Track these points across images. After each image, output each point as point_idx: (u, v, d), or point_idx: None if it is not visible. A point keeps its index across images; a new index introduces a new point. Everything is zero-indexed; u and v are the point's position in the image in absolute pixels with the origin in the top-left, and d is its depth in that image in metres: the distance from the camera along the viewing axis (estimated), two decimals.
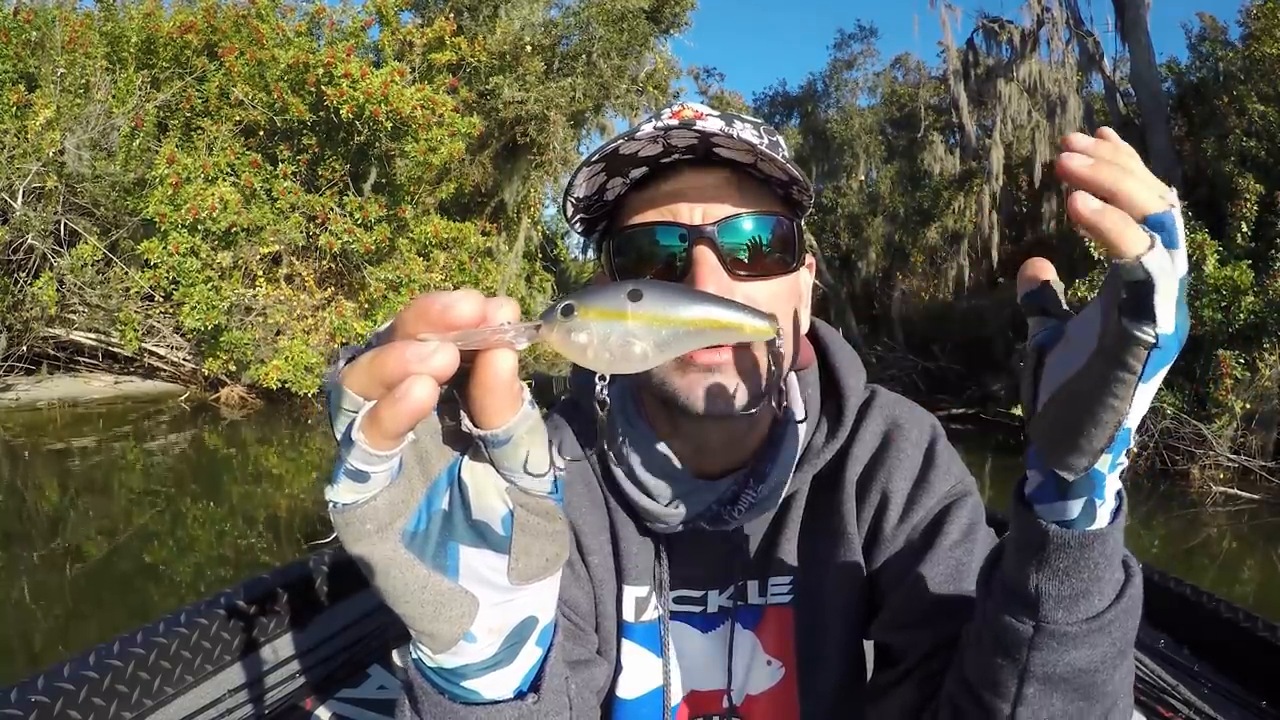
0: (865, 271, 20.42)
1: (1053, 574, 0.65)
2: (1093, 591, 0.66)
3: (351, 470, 0.44)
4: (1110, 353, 0.54)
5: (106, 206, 12.40)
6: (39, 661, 4.26)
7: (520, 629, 0.56)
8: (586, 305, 0.44)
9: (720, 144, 0.82)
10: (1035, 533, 0.65)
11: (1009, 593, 0.69)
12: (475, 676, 0.56)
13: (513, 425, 0.45)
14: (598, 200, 0.90)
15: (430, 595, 0.50)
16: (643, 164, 0.86)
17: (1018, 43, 16.94)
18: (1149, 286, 0.51)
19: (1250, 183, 10.06)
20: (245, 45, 13.00)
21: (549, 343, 0.44)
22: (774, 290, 0.87)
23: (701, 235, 0.84)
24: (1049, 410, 0.61)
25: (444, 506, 0.49)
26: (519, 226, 17.77)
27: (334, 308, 13.41)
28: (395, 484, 0.47)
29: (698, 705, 1.04)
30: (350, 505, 0.46)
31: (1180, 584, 1.66)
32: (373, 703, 1.56)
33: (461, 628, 0.52)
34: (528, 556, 0.51)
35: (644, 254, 0.87)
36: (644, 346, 0.44)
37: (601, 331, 0.44)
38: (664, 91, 17.51)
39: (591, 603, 0.99)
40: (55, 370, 13.18)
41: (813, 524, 1.00)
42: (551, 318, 0.44)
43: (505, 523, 0.50)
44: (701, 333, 0.46)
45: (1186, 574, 1.74)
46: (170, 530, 6.97)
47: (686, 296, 0.46)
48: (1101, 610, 0.67)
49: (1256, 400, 8.98)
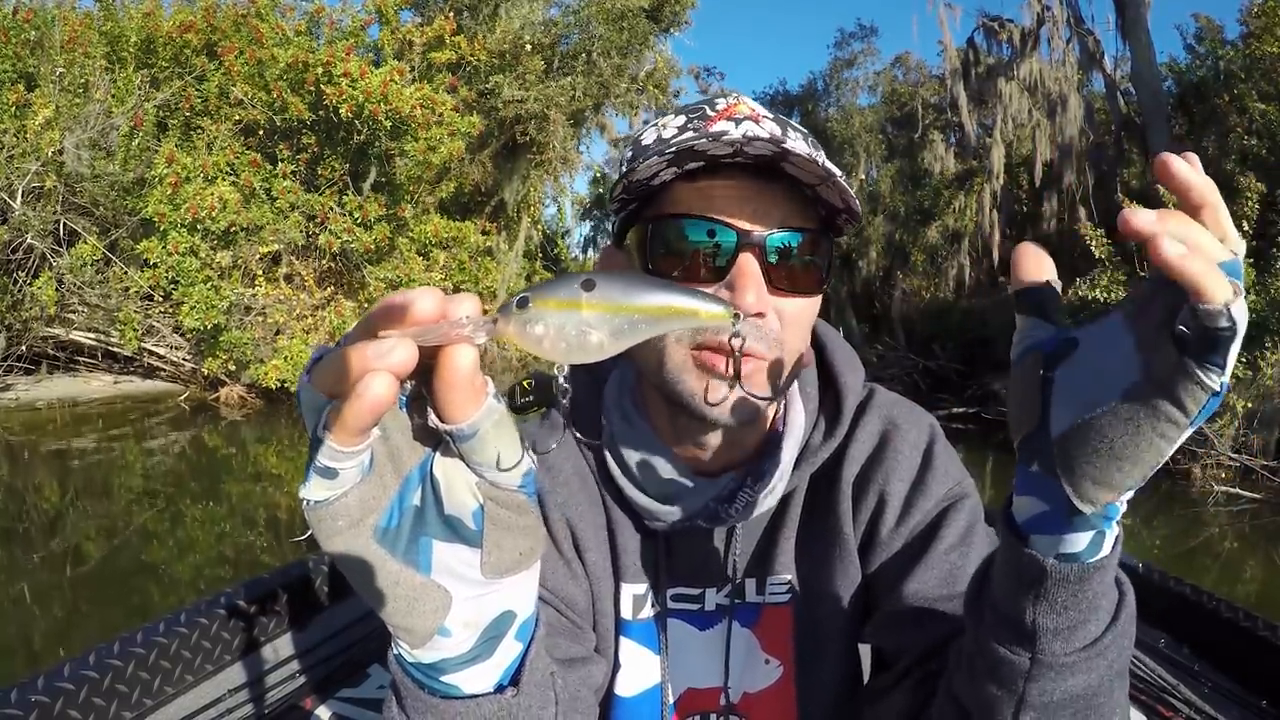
0: (866, 271, 20.40)
1: (1050, 608, 0.63)
2: (1090, 620, 0.64)
3: (321, 468, 0.45)
4: (1167, 392, 0.51)
5: (106, 206, 12.40)
6: (39, 661, 4.27)
7: (497, 623, 0.56)
8: (542, 297, 0.45)
9: (794, 162, 0.80)
10: (1032, 567, 0.62)
11: (1002, 622, 0.66)
12: (453, 671, 0.56)
13: (477, 420, 0.46)
14: (645, 184, 0.87)
15: (404, 590, 0.51)
16: (701, 158, 0.83)
17: (1018, 42, 16.92)
18: (1231, 333, 0.49)
19: (1251, 181, 10.05)
20: (245, 44, 12.98)
21: (506, 336, 0.45)
22: (803, 307, 0.87)
23: (750, 242, 0.82)
24: (1077, 439, 0.56)
25: (416, 502, 0.50)
26: (519, 226, 17.80)
27: (333, 307, 13.41)
28: (366, 480, 0.47)
29: (695, 703, 1.04)
30: (323, 502, 0.47)
31: (1180, 584, 1.66)
32: (373, 703, 1.56)
33: (435, 622, 0.53)
34: (500, 550, 0.52)
35: (683, 247, 0.85)
36: (600, 336, 0.45)
37: (557, 322, 0.45)
38: (664, 91, 17.53)
39: (589, 600, 0.99)
40: (55, 370, 13.19)
41: (810, 523, 1.00)
42: (508, 311, 0.45)
43: (476, 517, 0.50)
44: (658, 320, 0.46)
45: (1188, 574, 1.74)
46: (170, 530, 6.97)
47: (640, 284, 0.47)
48: (1098, 636, 0.65)
49: (1258, 399, 8.97)
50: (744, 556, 1.00)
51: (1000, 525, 0.66)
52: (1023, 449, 0.61)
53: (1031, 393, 0.59)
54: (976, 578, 0.73)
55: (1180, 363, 0.50)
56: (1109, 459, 0.55)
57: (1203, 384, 0.50)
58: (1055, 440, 0.57)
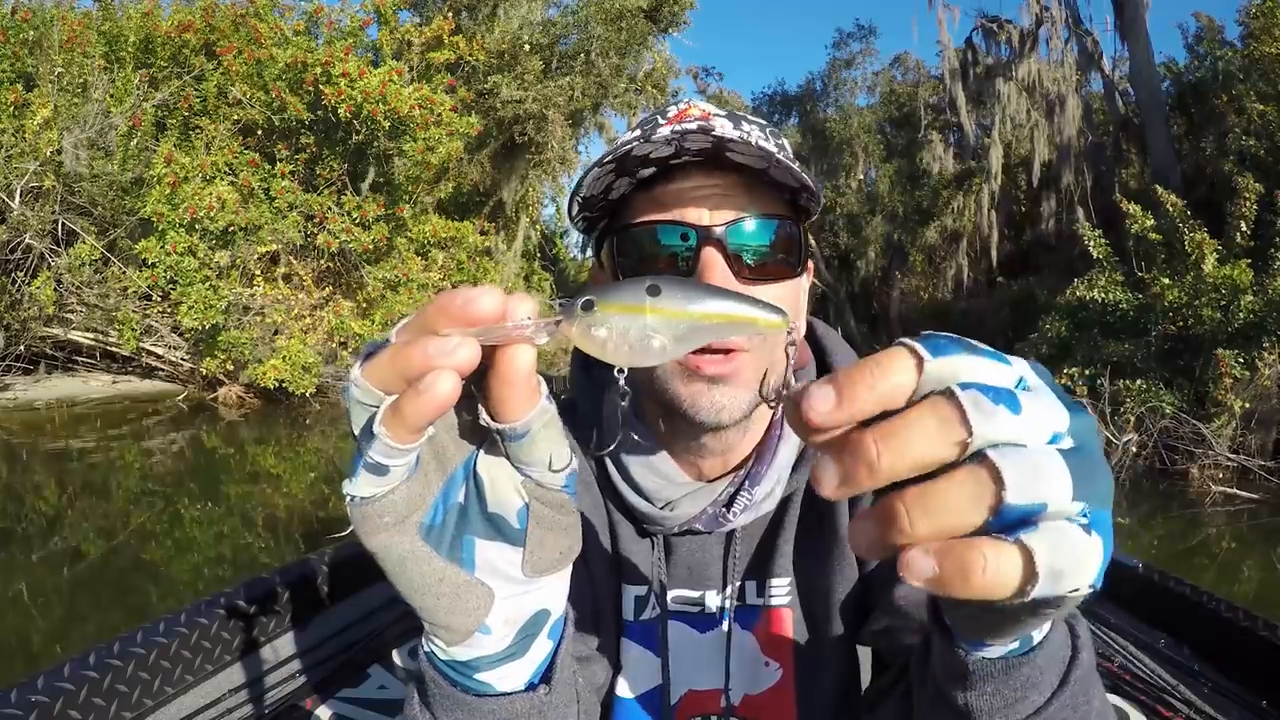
0: (864, 271, 20.44)
1: (980, 694, 0.59)
2: (1031, 694, 0.59)
3: (371, 464, 0.45)
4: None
5: (104, 206, 12.38)
6: (38, 661, 4.26)
7: (533, 621, 0.56)
8: (607, 301, 0.45)
9: (734, 149, 0.82)
10: (956, 664, 0.58)
11: (939, 698, 0.63)
12: (488, 669, 0.57)
13: (530, 419, 0.46)
14: (601, 199, 0.90)
15: (447, 588, 0.51)
16: (652, 164, 0.86)
17: (1016, 42, 16.96)
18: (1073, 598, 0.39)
19: (1249, 182, 10.05)
20: (243, 44, 12.99)
21: (569, 337, 0.45)
22: (778, 294, 0.88)
23: (710, 237, 0.84)
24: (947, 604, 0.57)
25: (460, 500, 0.50)
26: (517, 226, 17.79)
27: (332, 307, 13.42)
28: (413, 478, 0.47)
29: (695, 705, 1.04)
30: (369, 499, 0.47)
31: (1180, 584, 1.66)
32: (373, 703, 1.56)
33: (477, 620, 0.53)
34: (542, 549, 0.53)
35: (648, 253, 0.87)
36: (662, 340, 0.45)
37: (620, 326, 0.45)
38: (662, 91, 17.53)
39: (592, 601, 1.00)
40: (53, 370, 13.18)
41: (809, 526, 1.00)
42: (571, 312, 0.45)
43: (520, 516, 0.51)
44: (717, 326, 0.46)
45: (1186, 574, 1.74)
46: (168, 530, 6.96)
47: (703, 291, 0.46)
48: (1044, 703, 0.59)
49: (1256, 399, 8.97)
50: (744, 559, 1.01)
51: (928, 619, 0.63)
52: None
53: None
54: (921, 645, 0.70)
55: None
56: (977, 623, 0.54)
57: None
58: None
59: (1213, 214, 10.54)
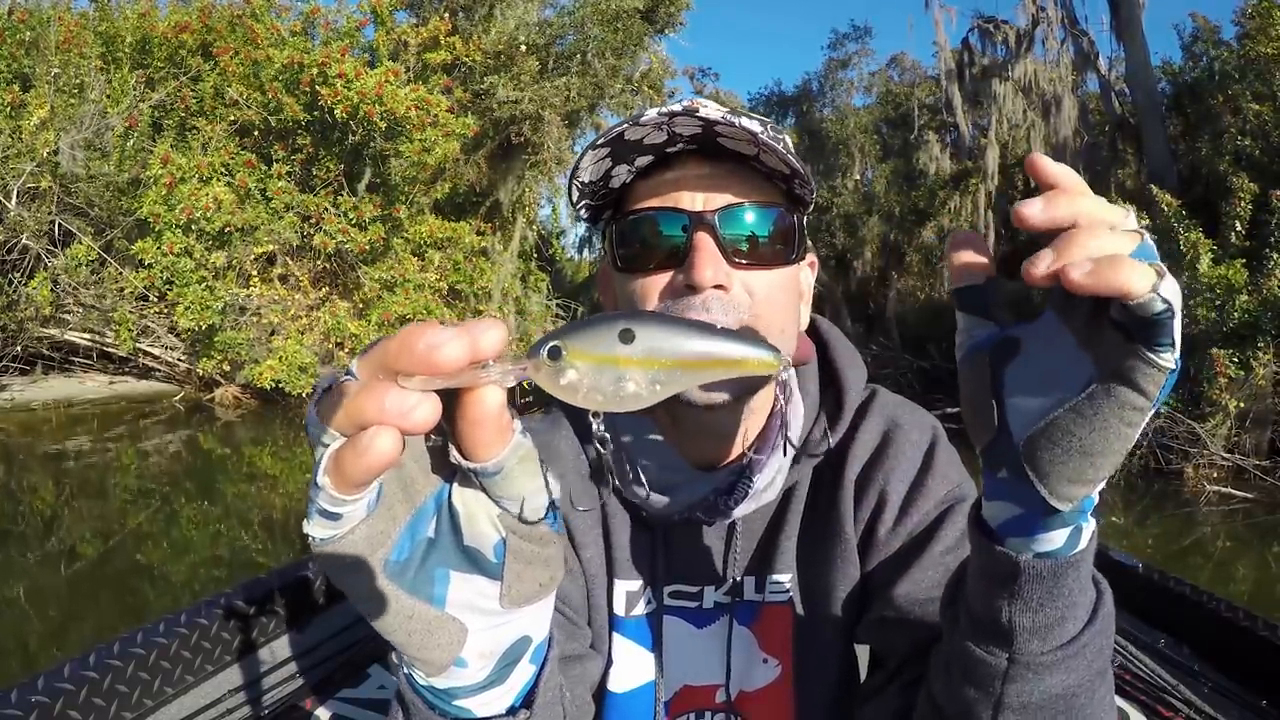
0: (860, 271, 20.45)
1: (1025, 606, 0.62)
2: (1068, 618, 0.63)
3: (321, 510, 0.43)
4: (1126, 380, 0.51)
5: (101, 206, 12.37)
6: (35, 662, 4.25)
7: (513, 649, 0.55)
8: (575, 347, 0.41)
9: (723, 133, 0.83)
10: (1006, 565, 0.61)
11: (978, 625, 0.66)
12: (466, 697, 0.55)
13: (503, 457, 0.44)
14: (604, 187, 0.90)
15: (418, 624, 0.49)
16: (648, 152, 0.87)
17: (1013, 42, 16.98)
18: (1170, 314, 0.48)
19: (1245, 182, 10.07)
20: (240, 45, 12.98)
21: (536, 381, 0.42)
22: (772, 280, 0.88)
23: (702, 222, 0.85)
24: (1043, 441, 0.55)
25: (429, 534, 0.48)
26: (514, 226, 17.74)
27: (328, 308, 13.41)
28: (374, 515, 0.45)
29: (691, 700, 1.04)
30: (327, 539, 0.44)
31: (1180, 583, 1.66)
32: (373, 703, 1.56)
33: (451, 654, 0.51)
34: (520, 582, 0.51)
35: (645, 240, 0.88)
36: (638, 386, 0.42)
37: (592, 373, 0.41)
38: (659, 91, 17.51)
39: (584, 596, 1.00)
40: (50, 371, 13.15)
41: (812, 523, 1.00)
42: (537, 359, 0.41)
43: (498, 550, 0.49)
44: (701, 370, 0.43)
45: (1181, 573, 1.74)
46: (165, 531, 6.95)
47: (684, 331, 0.43)
48: (1076, 634, 0.64)
49: (1250, 399, 9.00)
50: (744, 555, 1.01)
51: (972, 530, 0.65)
52: (987, 456, 0.60)
53: (984, 396, 0.59)
54: (952, 583, 0.73)
55: (1131, 349, 0.50)
56: (1080, 456, 0.54)
57: (1158, 365, 0.50)
58: (1020, 444, 0.57)
59: (1208, 214, 10.56)
